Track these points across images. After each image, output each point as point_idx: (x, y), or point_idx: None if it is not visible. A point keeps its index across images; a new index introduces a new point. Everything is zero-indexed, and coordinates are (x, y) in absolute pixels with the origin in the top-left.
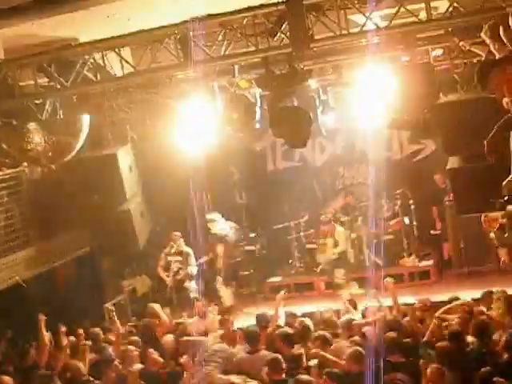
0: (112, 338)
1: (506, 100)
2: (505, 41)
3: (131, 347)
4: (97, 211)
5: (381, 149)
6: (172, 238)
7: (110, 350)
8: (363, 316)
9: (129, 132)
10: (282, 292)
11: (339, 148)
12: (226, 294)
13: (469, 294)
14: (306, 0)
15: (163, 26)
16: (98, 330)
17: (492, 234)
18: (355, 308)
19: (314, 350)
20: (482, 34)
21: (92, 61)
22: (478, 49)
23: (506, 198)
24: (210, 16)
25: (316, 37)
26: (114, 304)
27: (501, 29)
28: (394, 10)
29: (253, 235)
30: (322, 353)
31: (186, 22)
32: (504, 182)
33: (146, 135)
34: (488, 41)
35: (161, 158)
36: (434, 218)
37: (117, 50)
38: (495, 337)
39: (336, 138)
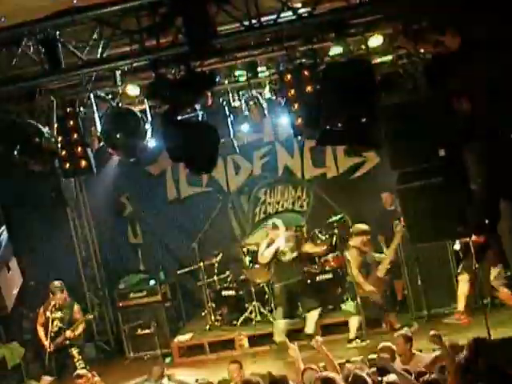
0: None
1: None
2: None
3: None
4: None
5: (311, 165)
6: (51, 290)
7: None
8: None
9: None
10: None
11: (258, 167)
12: None
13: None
14: None
15: (20, 23)
16: None
17: None
18: None
19: None
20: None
21: None
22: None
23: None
24: (81, 9)
25: (219, 29)
26: None
27: None
28: None
29: (152, 283)
30: None
31: (49, 17)
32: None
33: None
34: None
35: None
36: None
37: None
38: None
39: (254, 155)
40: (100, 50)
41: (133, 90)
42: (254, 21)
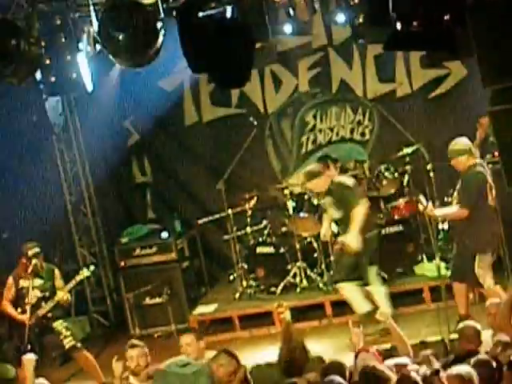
0: None
1: None
2: None
3: None
4: None
5: (376, 79)
6: (24, 252)
7: None
8: None
9: None
10: None
11: (305, 81)
12: None
13: None
14: None
15: None
16: None
17: None
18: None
19: None
20: None
21: None
22: None
23: None
24: None
25: None
26: None
27: None
28: None
29: (165, 236)
30: None
31: None
32: None
33: None
34: None
35: None
36: None
37: None
38: None
39: (299, 65)
40: None
41: None
42: None
